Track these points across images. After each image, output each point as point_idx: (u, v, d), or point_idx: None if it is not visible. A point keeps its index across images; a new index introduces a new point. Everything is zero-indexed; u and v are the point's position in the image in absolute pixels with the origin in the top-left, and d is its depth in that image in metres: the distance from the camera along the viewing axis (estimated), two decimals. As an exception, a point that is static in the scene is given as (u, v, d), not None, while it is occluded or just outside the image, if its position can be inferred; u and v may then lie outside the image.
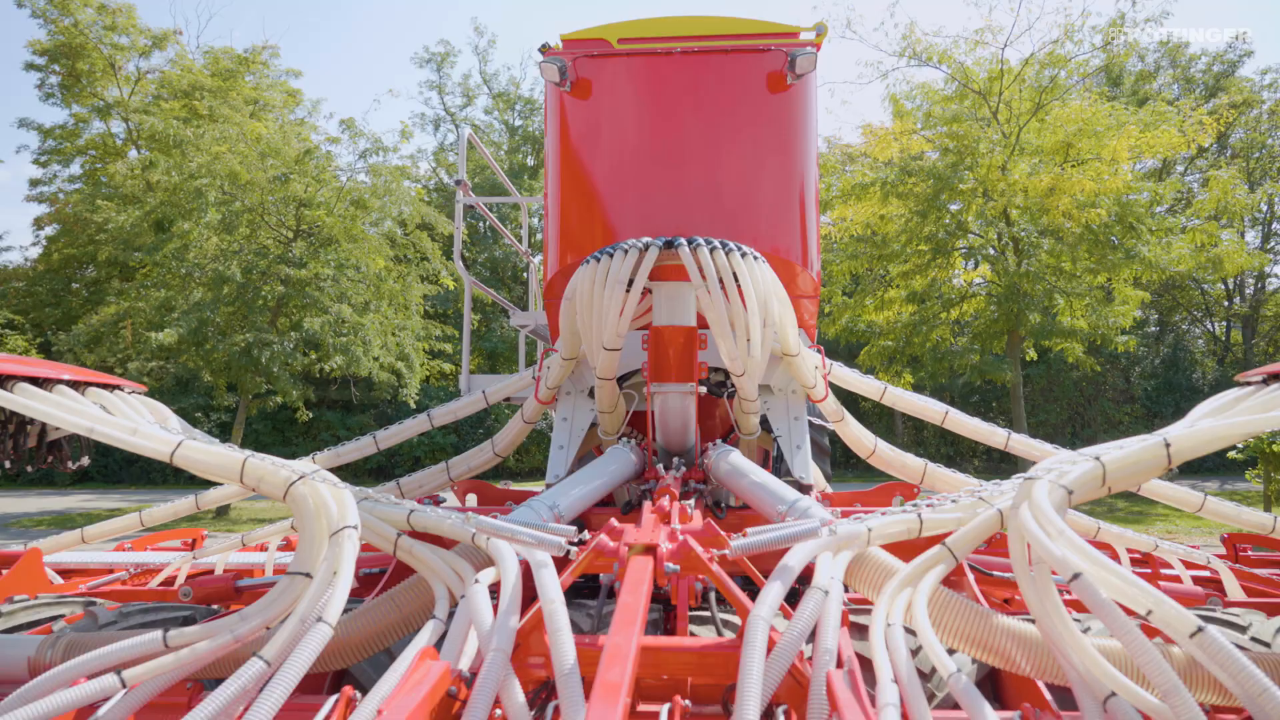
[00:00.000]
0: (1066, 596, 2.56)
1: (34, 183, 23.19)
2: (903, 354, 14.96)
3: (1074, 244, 12.03)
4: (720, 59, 3.72)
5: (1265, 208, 25.90)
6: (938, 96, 14.23)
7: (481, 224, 26.00)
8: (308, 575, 2.08)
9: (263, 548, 5.00)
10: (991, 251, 13.87)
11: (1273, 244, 26.42)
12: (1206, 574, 4.25)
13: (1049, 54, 12.17)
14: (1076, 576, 1.77)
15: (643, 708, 2.01)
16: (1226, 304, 25.67)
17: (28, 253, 29.75)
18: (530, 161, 27.35)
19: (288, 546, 5.06)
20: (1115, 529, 4.12)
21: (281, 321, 14.79)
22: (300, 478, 2.20)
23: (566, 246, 3.78)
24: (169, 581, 4.29)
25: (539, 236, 9.66)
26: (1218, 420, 2.20)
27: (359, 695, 2.00)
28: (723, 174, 3.69)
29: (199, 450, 2.32)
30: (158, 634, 2.02)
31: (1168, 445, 2.14)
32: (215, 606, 3.28)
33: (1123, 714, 1.73)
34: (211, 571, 4.44)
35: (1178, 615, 1.67)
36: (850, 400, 5.05)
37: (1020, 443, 3.79)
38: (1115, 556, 4.36)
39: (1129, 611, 1.78)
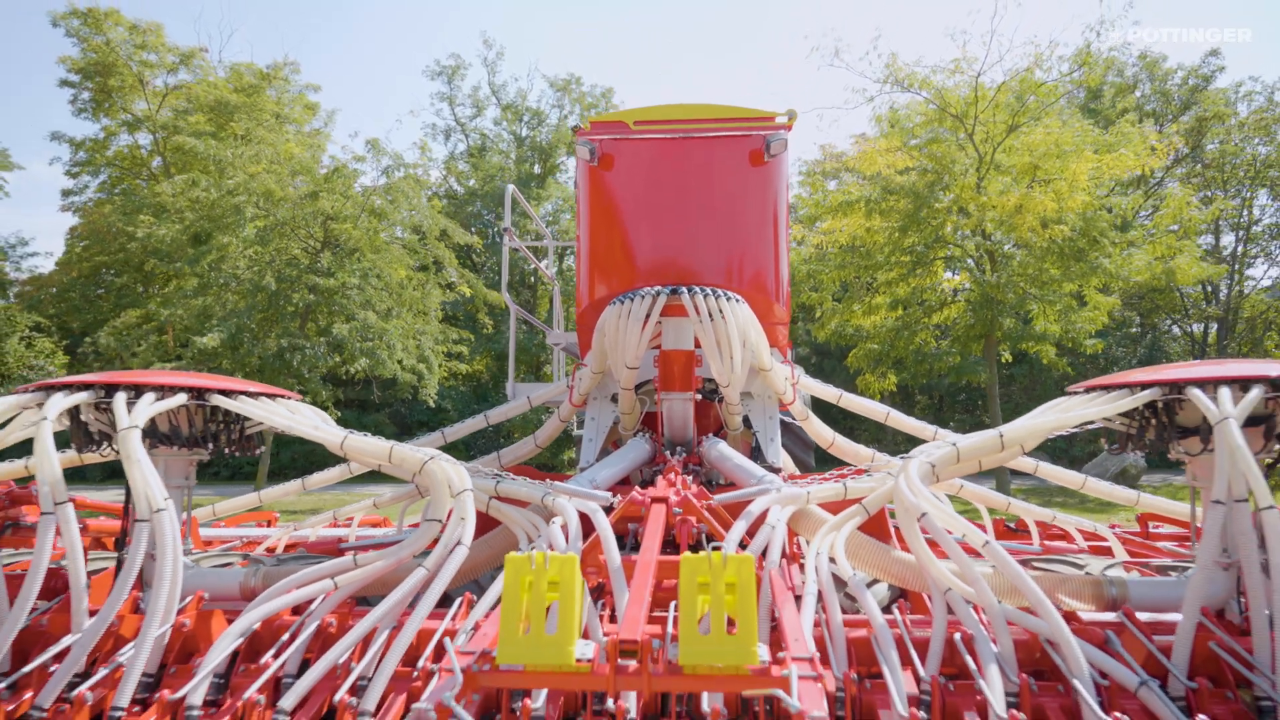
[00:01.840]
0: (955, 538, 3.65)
1: (66, 193, 24.35)
2: (888, 356, 16.04)
3: (1041, 256, 13.16)
4: (712, 141, 4.82)
5: (1244, 214, 27.02)
6: (924, 113, 15.29)
7: (491, 230, 27.13)
8: (439, 521, 3.20)
9: (336, 523, 6.11)
10: (970, 262, 14.96)
11: (1251, 248, 27.50)
12: (1104, 543, 5.36)
13: (1021, 80, 13.28)
14: (924, 515, 2.89)
15: (656, 613, 3.12)
16: (1205, 305, 26.77)
17: (58, 258, 30.89)
18: (537, 170, 28.48)
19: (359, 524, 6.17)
20: (1023, 504, 5.23)
21: (309, 326, 15.92)
22: (431, 458, 3.31)
23: (595, 285, 4.90)
24: (271, 550, 5.39)
25: (546, 246, 10.74)
26: (1035, 419, 3.31)
27: (476, 598, 3.13)
28: (715, 229, 4.80)
29: (360, 440, 3.43)
30: (349, 557, 3.14)
31: (1001, 436, 3.26)
32: (333, 559, 4.38)
33: (955, 600, 2.84)
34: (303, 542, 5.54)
35: (976, 534, 2.79)
36: (852, 414, 6.06)
37: (944, 436, 4.89)
38: (1025, 527, 5.47)
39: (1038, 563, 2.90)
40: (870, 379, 16.90)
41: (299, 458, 22.25)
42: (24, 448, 3.64)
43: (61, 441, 3.86)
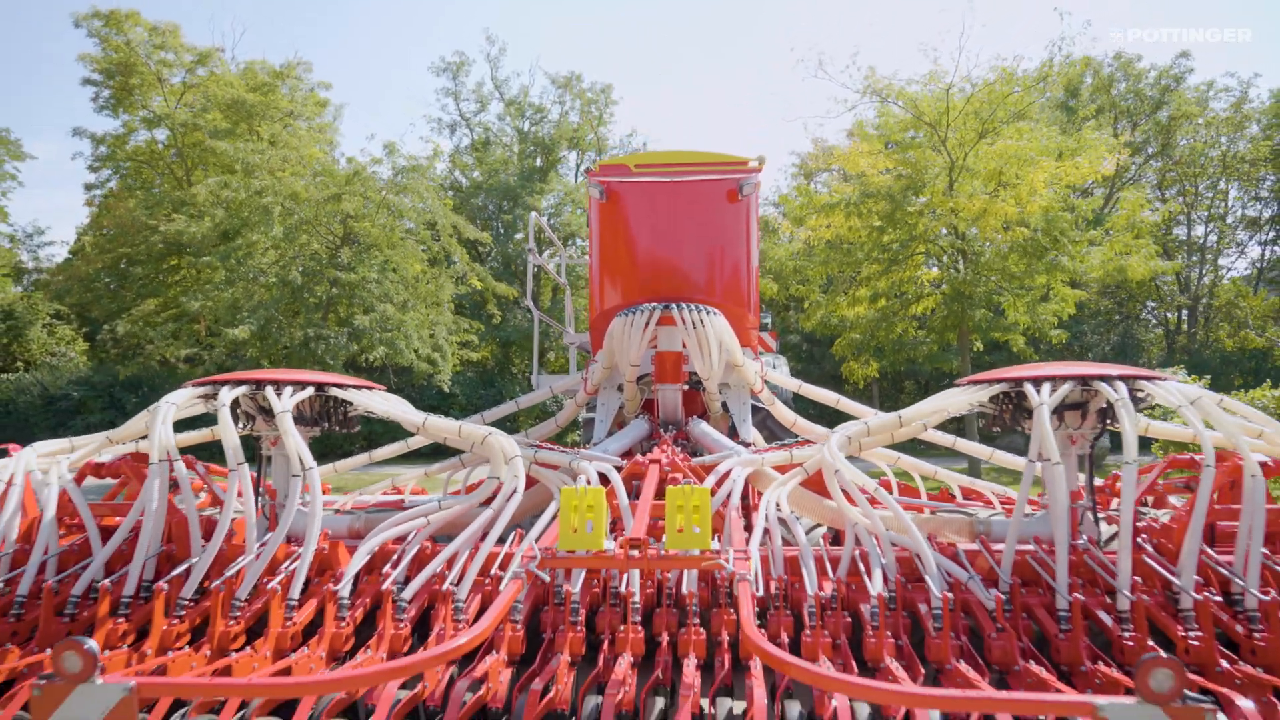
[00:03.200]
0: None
1: (88, 187, 25.48)
2: (869, 345, 17.32)
3: (1005, 255, 14.42)
4: (697, 183, 6.04)
5: (1216, 206, 28.25)
6: (901, 120, 16.48)
7: (496, 222, 28.30)
8: (497, 478, 4.46)
9: (389, 491, 7.37)
10: (944, 259, 16.21)
11: (1224, 239, 28.72)
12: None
13: (989, 91, 14.45)
14: (837, 471, 4.15)
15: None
16: (1180, 294, 28.04)
17: (70, 246, 31.94)
18: (539, 163, 29.62)
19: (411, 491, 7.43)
20: (947, 473, 6.49)
21: (330, 317, 17.15)
22: (490, 433, 4.56)
23: (605, 297, 6.13)
24: (342, 509, 6.64)
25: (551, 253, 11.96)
26: (927, 404, 4.56)
27: (524, 531, 4.39)
28: (699, 254, 6.03)
29: (437, 420, 4.68)
30: (435, 503, 4.39)
31: (900, 417, 4.52)
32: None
33: (859, 530, 4.10)
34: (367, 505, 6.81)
35: (870, 484, 4.05)
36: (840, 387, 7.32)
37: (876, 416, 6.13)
38: (971, 494, 6.71)
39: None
40: (854, 365, 18.21)
41: (315, 442, 23.59)
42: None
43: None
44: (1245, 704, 2.90)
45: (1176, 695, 1.99)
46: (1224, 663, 3.32)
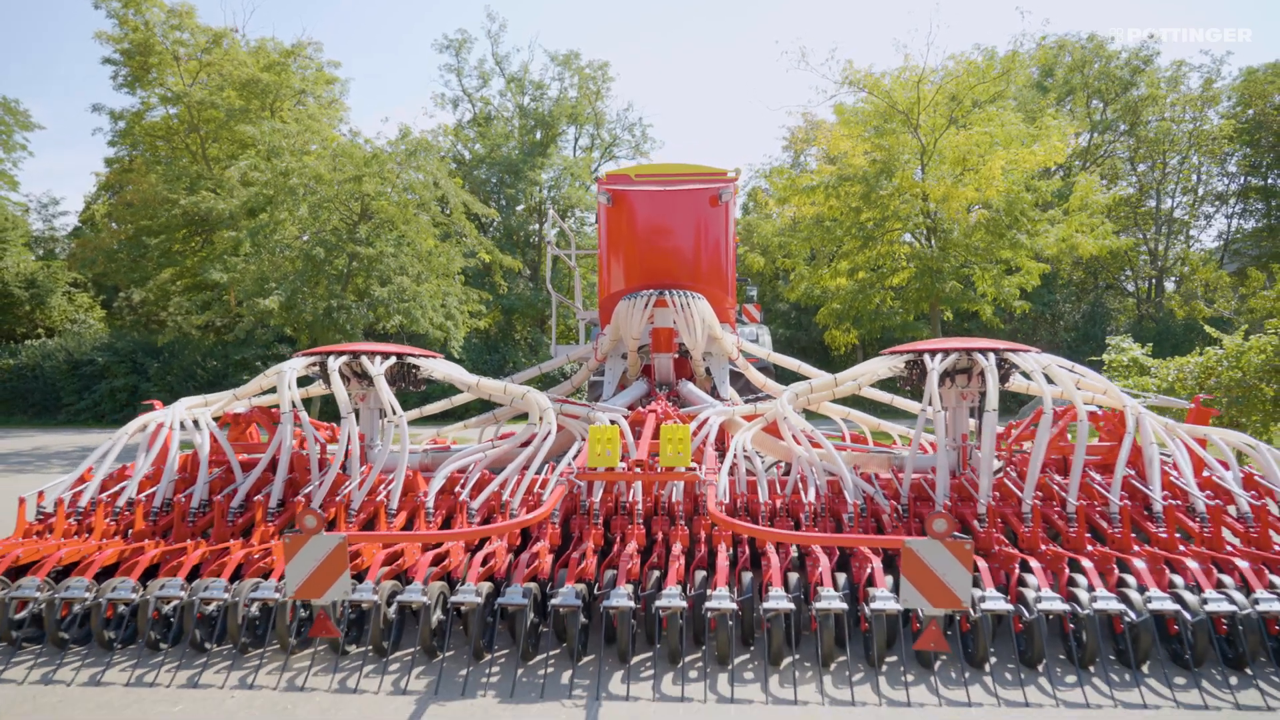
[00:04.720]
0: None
1: (109, 162, 26.53)
2: (849, 314, 18.79)
3: (969, 233, 15.83)
4: (688, 191, 7.43)
5: (1195, 178, 29.57)
6: (875, 106, 17.76)
7: (496, 195, 29.50)
8: (534, 425, 5.95)
9: (439, 440, 8.86)
10: (918, 236, 17.60)
11: (1194, 211, 30.06)
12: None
13: (956, 82, 15.72)
14: (785, 419, 5.64)
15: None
16: (1151, 265, 29.48)
17: (81, 214, 33.02)
18: (540, 137, 30.72)
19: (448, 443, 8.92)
20: (890, 424, 8.00)
21: (349, 288, 18.51)
22: (528, 390, 6.04)
23: (612, 282, 7.56)
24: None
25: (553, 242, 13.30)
26: (855, 369, 6.03)
27: (555, 464, 5.91)
28: (689, 249, 7.45)
29: (488, 381, 6.15)
30: (488, 443, 5.88)
31: (835, 379, 6.01)
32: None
33: (802, 462, 5.61)
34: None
35: (809, 427, 5.56)
36: (826, 362, 8.81)
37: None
38: (895, 441, 8.25)
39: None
40: (836, 334, 19.71)
41: (332, 413, 25.23)
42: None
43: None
44: (1035, 564, 4.44)
45: (948, 534, 3.50)
46: (1043, 545, 4.85)
